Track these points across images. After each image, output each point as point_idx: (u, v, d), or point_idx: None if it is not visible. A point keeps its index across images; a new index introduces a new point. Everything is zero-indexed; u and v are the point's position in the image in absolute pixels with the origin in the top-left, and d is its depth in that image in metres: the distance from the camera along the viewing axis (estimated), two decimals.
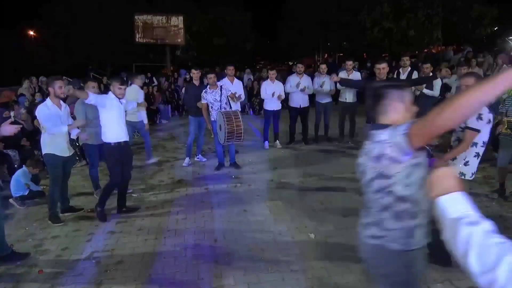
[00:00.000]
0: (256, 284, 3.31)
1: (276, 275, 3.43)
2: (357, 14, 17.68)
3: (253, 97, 13.54)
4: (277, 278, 3.39)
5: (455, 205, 1.15)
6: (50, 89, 4.57)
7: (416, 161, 1.77)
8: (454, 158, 3.43)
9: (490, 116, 3.27)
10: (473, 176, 3.45)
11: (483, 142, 3.32)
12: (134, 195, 5.61)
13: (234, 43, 27.68)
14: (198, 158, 7.38)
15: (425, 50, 18.38)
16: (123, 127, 4.80)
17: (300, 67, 8.37)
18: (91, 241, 4.26)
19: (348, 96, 7.96)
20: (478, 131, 3.25)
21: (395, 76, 7.30)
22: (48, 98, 4.63)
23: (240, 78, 7.99)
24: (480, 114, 3.22)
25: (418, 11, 15.99)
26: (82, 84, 6.99)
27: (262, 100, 8.48)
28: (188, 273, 3.52)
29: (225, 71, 7.55)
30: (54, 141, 4.62)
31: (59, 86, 4.54)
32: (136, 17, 19.73)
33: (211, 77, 6.46)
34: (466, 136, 3.30)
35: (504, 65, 10.40)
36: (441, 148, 4.12)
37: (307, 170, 6.59)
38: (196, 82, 7.00)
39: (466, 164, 3.37)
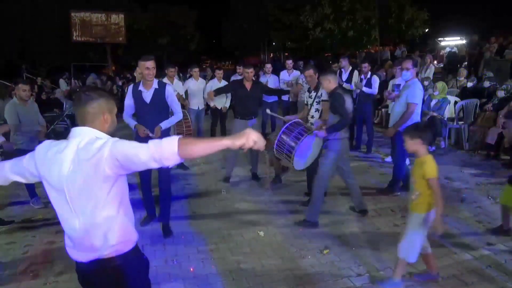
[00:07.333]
0: (206, 286, 3.29)
1: (226, 275, 3.43)
2: (299, 15, 18.19)
3: None
4: (227, 278, 3.39)
5: None
6: None
7: None
8: None
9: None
10: None
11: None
12: None
13: (178, 42, 27.29)
14: None
15: (365, 50, 19.32)
16: None
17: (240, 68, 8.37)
18: (28, 253, 3.97)
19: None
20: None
21: (337, 75, 7.56)
22: None
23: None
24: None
25: (356, 13, 16.81)
26: (12, 85, 6.50)
27: None
28: None
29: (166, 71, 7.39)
30: None
31: None
32: (72, 14, 18.65)
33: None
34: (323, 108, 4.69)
35: (431, 64, 11.38)
36: None
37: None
38: None
39: None
